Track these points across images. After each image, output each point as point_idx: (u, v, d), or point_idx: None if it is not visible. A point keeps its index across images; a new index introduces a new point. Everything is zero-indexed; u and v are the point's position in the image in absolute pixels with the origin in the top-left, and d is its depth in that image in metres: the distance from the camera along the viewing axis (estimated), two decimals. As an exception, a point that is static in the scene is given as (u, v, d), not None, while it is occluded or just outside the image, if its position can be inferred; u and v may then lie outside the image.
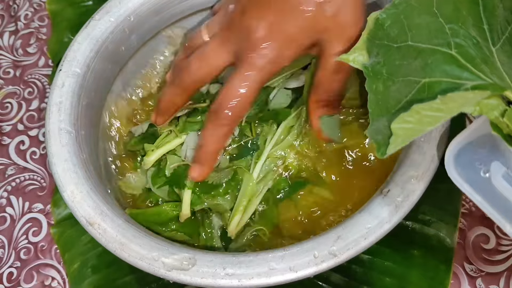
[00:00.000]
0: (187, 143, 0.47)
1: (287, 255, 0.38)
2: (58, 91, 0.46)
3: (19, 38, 0.67)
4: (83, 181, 0.42)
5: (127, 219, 0.41)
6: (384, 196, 0.39)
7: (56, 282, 0.52)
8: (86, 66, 0.48)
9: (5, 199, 0.57)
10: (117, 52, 0.51)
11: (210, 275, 0.37)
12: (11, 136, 0.61)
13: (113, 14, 0.50)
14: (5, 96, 0.63)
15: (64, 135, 0.44)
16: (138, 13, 0.51)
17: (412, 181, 0.40)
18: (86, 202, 0.41)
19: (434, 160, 0.40)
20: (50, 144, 0.44)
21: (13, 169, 0.59)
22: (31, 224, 0.55)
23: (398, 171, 0.40)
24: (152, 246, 0.39)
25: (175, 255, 0.39)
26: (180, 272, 0.38)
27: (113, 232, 0.40)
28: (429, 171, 0.40)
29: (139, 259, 0.39)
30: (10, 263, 0.53)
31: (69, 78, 0.47)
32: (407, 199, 0.39)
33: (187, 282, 0.38)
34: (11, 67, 0.65)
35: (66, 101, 0.46)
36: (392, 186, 0.40)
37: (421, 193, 0.39)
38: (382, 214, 0.39)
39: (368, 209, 0.39)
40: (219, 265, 0.38)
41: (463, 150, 0.37)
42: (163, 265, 0.38)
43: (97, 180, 0.44)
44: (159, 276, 0.38)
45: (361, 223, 0.38)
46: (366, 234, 0.38)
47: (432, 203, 0.50)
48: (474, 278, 0.48)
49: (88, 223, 0.40)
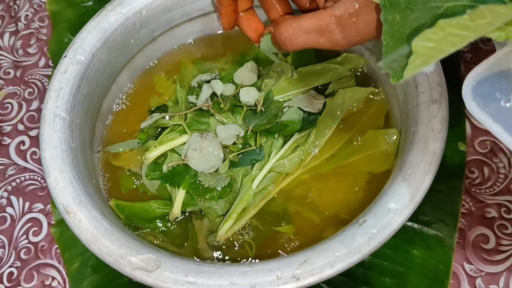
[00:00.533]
0: (189, 143, 0.47)
1: (251, 272, 0.37)
2: (60, 77, 0.47)
3: (20, 38, 0.68)
4: (68, 169, 0.43)
5: (103, 212, 0.41)
6: (359, 225, 0.38)
7: (56, 282, 0.52)
8: (91, 55, 0.49)
9: (5, 199, 0.57)
10: (125, 45, 0.52)
11: (171, 280, 0.37)
12: (11, 136, 0.61)
13: (125, 6, 0.51)
14: (6, 97, 0.64)
15: (58, 121, 0.45)
16: (150, 8, 0.51)
17: (390, 214, 0.38)
18: (67, 190, 0.42)
19: (418, 195, 0.39)
20: (43, 128, 0.45)
21: (13, 169, 0.59)
22: (31, 224, 0.56)
23: (378, 202, 0.39)
24: (121, 243, 0.39)
25: (141, 255, 0.38)
26: (144, 273, 0.38)
27: (87, 223, 0.40)
28: (410, 206, 0.38)
29: (107, 254, 0.39)
30: (10, 263, 0.54)
31: (73, 66, 0.48)
32: (382, 232, 0.38)
33: (149, 283, 0.38)
34: (12, 68, 0.66)
35: (66, 88, 0.46)
36: (369, 216, 0.38)
37: (398, 227, 0.38)
38: (353, 244, 0.37)
39: (340, 237, 0.38)
40: (182, 271, 0.37)
41: (483, 80, 0.34)
42: (129, 263, 0.38)
43: (83, 169, 0.45)
44: (124, 274, 0.38)
45: (330, 250, 0.37)
46: (333, 261, 0.37)
47: (432, 204, 0.50)
48: (474, 278, 0.48)
49: (65, 210, 0.41)
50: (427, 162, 0.40)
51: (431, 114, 0.42)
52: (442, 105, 0.42)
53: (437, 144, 0.40)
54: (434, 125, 0.41)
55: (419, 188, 0.39)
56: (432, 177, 0.39)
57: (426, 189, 0.39)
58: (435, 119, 0.41)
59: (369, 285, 0.47)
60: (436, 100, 0.42)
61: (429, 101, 0.42)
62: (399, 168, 0.41)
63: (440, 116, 0.41)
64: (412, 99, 0.44)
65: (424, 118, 0.42)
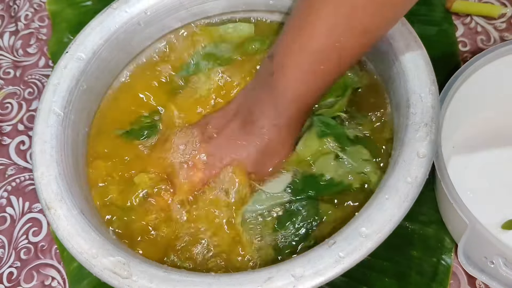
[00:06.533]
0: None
1: (215, 283, 0.37)
2: (58, 73, 0.48)
3: (19, 38, 0.69)
4: (54, 165, 0.44)
5: (83, 211, 0.42)
6: (328, 247, 0.37)
7: (56, 282, 0.53)
8: (92, 53, 0.49)
9: (5, 199, 0.58)
10: (128, 43, 0.52)
11: (137, 285, 0.37)
12: (11, 136, 0.62)
13: (130, 5, 0.51)
14: (6, 97, 0.65)
15: (52, 116, 0.46)
16: (155, 9, 0.52)
17: (361, 239, 0.37)
18: (51, 186, 0.42)
19: (392, 222, 0.37)
20: (37, 122, 0.46)
21: (13, 169, 0.60)
22: (31, 224, 0.56)
23: (351, 224, 0.38)
24: (95, 243, 0.40)
25: (112, 257, 0.39)
26: (112, 275, 0.38)
27: (65, 220, 0.41)
28: (381, 232, 0.37)
29: (79, 253, 0.39)
30: (10, 263, 0.54)
31: (73, 62, 0.48)
32: (349, 255, 0.37)
33: (116, 286, 0.38)
34: (11, 68, 0.67)
35: (64, 84, 0.47)
36: (339, 239, 0.38)
37: (368, 252, 0.37)
38: (318, 266, 0.37)
39: (307, 257, 0.37)
40: (148, 277, 0.38)
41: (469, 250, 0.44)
42: (99, 264, 0.39)
43: (71, 165, 0.45)
44: (93, 274, 0.39)
45: (295, 269, 0.37)
46: (296, 281, 0.36)
47: (432, 204, 0.50)
48: (474, 278, 0.48)
49: (46, 206, 0.42)
50: (406, 188, 0.38)
51: (419, 137, 0.40)
52: (432, 129, 0.41)
53: (421, 169, 0.39)
54: (419, 149, 0.40)
55: (394, 215, 0.38)
56: (410, 205, 0.38)
57: (401, 216, 0.38)
58: (422, 143, 0.40)
59: (369, 285, 0.48)
60: (426, 124, 0.41)
61: (419, 123, 0.41)
62: (377, 191, 0.39)
63: (428, 140, 0.40)
64: (403, 119, 0.42)
65: (410, 140, 0.40)
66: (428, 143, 0.40)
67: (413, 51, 0.44)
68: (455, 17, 0.62)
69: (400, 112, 0.44)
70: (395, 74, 0.45)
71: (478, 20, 0.62)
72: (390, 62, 0.46)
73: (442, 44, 0.60)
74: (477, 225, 0.42)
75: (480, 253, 0.43)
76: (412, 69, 0.44)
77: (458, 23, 0.62)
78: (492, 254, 0.42)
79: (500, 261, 0.42)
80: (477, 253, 0.43)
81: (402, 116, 0.43)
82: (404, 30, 0.45)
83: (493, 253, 0.42)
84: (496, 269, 0.42)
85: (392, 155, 0.42)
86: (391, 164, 0.41)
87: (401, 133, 0.42)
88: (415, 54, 0.44)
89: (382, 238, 0.37)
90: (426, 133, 0.40)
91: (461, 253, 0.44)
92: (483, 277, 0.43)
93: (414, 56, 0.44)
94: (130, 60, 0.54)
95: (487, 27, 0.61)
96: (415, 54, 0.44)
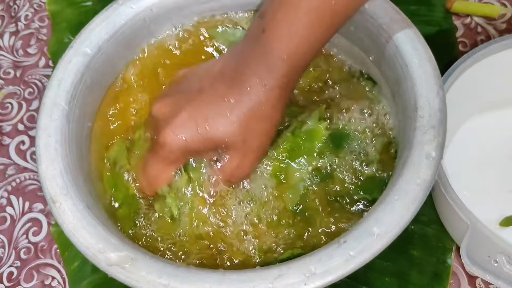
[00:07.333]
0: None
1: (226, 280, 0.37)
2: (63, 67, 0.47)
3: (20, 38, 0.69)
4: (59, 159, 0.43)
5: (89, 205, 0.42)
6: (338, 246, 0.38)
7: (56, 281, 0.53)
8: (98, 48, 0.49)
9: (5, 199, 0.58)
10: (133, 39, 0.52)
11: (145, 280, 0.37)
12: (11, 136, 0.62)
13: (136, 1, 0.51)
14: (6, 96, 0.65)
15: (56, 111, 0.45)
16: (160, 6, 0.51)
17: (372, 238, 0.37)
18: (56, 180, 0.42)
19: (402, 222, 0.38)
20: (41, 117, 0.45)
21: (13, 169, 0.60)
22: (31, 224, 0.56)
23: (361, 224, 0.39)
24: (101, 237, 0.39)
25: (119, 252, 0.39)
26: (119, 270, 0.38)
27: (70, 214, 0.40)
28: (392, 232, 0.38)
29: (85, 247, 0.39)
30: (10, 263, 0.54)
31: (77, 57, 0.48)
32: (360, 254, 0.37)
33: (123, 281, 0.38)
34: (12, 68, 0.67)
35: (68, 78, 0.47)
36: (350, 237, 0.38)
37: (377, 252, 0.37)
38: (329, 264, 0.37)
39: (318, 255, 0.37)
40: (156, 272, 0.37)
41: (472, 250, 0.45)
42: (105, 259, 0.38)
43: (76, 160, 0.45)
44: (100, 269, 0.39)
45: (306, 267, 0.37)
46: (307, 279, 0.36)
47: (432, 204, 0.51)
48: (474, 278, 0.49)
49: (51, 200, 0.41)
50: (416, 190, 0.39)
51: (427, 140, 0.41)
52: (440, 131, 0.41)
53: (429, 172, 0.39)
54: (428, 152, 0.40)
55: (403, 216, 0.38)
56: (419, 205, 0.38)
57: (411, 217, 0.38)
58: (430, 145, 0.40)
59: (369, 284, 0.48)
60: (434, 126, 0.41)
61: (427, 126, 0.41)
62: (387, 192, 0.40)
63: (436, 143, 0.41)
64: (411, 121, 0.43)
65: (419, 143, 0.41)
66: (436, 145, 0.40)
67: (420, 55, 0.45)
68: (455, 17, 0.63)
69: (406, 114, 0.44)
70: (402, 78, 0.45)
71: (478, 20, 0.62)
72: (396, 64, 0.46)
73: (442, 44, 0.60)
74: (478, 224, 0.43)
75: (483, 253, 0.44)
76: (420, 73, 0.44)
77: (458, 23, 0.62)
78: (494, 253, 0.43)
79: (503, 259, 0.42)
80: (480, 252, 0.44)
81: (410, 118, 0.43)
82: (411, 33, 0.46)
83: (496, 252, 0.42)
84: (500, 268, 0.43)
85: (399, 157, 0.43)
86: (399, 165, 0.41)
87: (408, 135, 0.42)
88: (422, 58, 0.45)
89: (392, 239, 0.37)
90: (434, 136, 0.41)
91: (464, 254, 0.44)
92: (487, 277, 0.44)
93: (421, 60, 0.45)
94: (134, 57, 0.53)
95: (487, 28, 0.62)
96: (423, 57, 0.45)
